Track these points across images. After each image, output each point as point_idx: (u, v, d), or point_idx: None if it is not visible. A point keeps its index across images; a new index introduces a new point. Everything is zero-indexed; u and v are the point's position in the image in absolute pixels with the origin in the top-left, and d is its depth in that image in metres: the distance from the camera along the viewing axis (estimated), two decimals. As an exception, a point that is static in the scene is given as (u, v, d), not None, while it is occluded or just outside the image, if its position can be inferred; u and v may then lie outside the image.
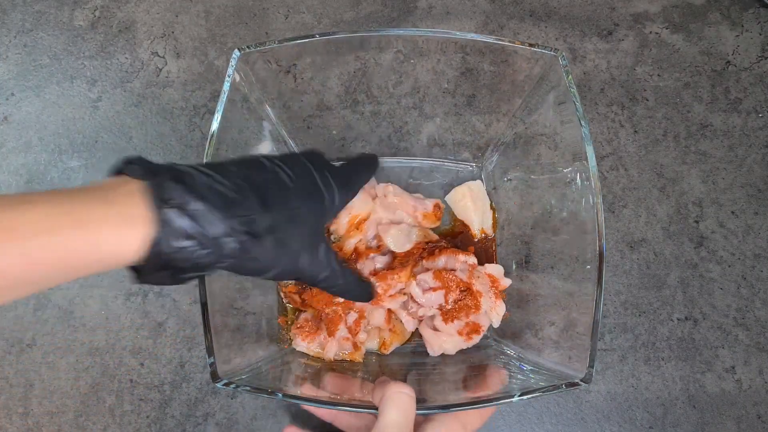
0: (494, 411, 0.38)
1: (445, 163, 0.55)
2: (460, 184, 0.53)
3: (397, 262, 0.47)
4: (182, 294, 0.53)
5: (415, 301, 0.46)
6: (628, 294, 0.52)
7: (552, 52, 0.41)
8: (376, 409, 0.33)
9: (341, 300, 0.46)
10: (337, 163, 0.41)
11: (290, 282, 0.49)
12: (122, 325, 0.52)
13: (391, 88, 0.49)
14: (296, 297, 0.48)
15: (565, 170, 0.43)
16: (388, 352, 0.48)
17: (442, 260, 0.46)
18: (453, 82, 0.48)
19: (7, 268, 0.25)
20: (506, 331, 0.48)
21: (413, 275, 0.46)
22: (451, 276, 0.45)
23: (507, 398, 0.35)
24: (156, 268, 0.29)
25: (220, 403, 0.50)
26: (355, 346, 0.47)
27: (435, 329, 0.46)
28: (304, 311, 0.49)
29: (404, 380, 0.35)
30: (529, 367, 0.41)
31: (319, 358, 0.47)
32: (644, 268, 0.53)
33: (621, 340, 0.51)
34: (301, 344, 0.47)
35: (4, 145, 0.57)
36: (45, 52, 0.60)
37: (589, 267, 0.38)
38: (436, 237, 0.51)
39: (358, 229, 0.49)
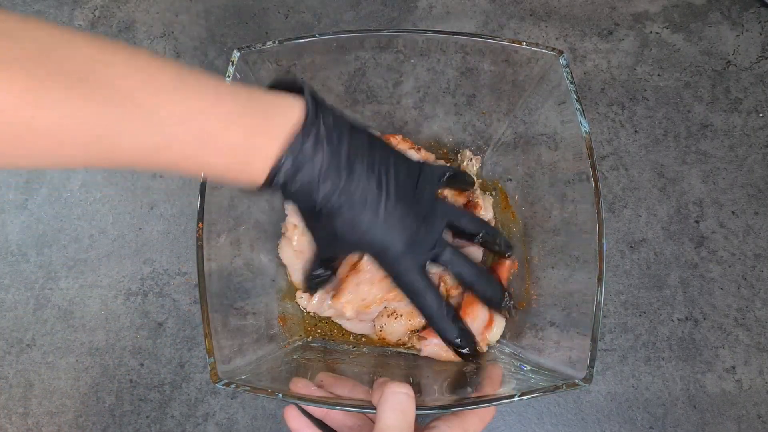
0: (494, 413, 0.37)
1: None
2: None
3: None
4: (182, 294, 0.53)
5: None
6: (628, 294, 0.52)
7: (552, 52, 0.41)
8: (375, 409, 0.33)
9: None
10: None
11: None
12: (122, 325, 0.52)
13: (391, 88, 0.49)
14: None
15: (565, 170, 0.43)
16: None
17: None
18: (453, 82, 0.48)
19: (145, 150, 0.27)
20: (506, 331, 0.47)
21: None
22: None
23: (507, 399, 0.35)
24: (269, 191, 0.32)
25: (220, 403, 0.50)
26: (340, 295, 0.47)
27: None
28: None
29: (403, 379, 0.34)
30: (530, 368, 0.41)
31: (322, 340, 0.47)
32: (644, 268, 0.53)
33: (621, 340, 0.51)
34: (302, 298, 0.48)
35: (4, 145, 0.57)
36: (45, 52, 0.60)
37: (589, 267, 0.38)
38: None
39: None
